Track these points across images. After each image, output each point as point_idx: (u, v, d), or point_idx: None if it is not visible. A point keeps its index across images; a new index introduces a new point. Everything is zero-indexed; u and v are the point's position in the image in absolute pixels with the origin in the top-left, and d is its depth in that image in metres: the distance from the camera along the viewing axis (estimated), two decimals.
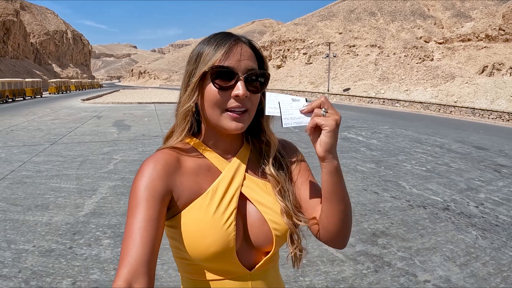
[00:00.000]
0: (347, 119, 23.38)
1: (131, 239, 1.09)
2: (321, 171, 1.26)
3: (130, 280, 1.03)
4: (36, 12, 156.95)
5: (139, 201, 1.15)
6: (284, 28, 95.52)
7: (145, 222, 1.11)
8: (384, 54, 67.95)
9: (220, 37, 1.30)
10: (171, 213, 1.25)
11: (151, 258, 1.09)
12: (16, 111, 32.77)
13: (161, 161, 1.25)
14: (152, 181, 1.19)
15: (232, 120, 1.26)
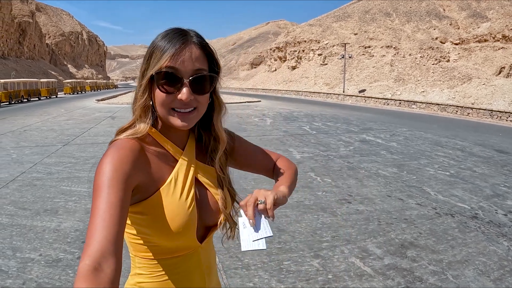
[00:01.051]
0: (364, 121, 23.02)
1: (99, 218, 1.08)
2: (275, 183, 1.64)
3: (98, 259, 1.00)
4: (51, 13, 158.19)
5: (106, 183, 1.16)
6: (299, 29, 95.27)
7: (113, 203, 1.12)
8: (399, 55, 67.40)
9: (170, 37, 1.34)
10: (136, 198, 1.31)
11: (119, 238, 1.09)
12: (30, 111, 32.82)
13: (127, 147, 1.28)
14: (119, 165, 1.21)
15: (178, 118, 1.34)
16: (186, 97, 1.30)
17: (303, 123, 21.10)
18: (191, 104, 1.33)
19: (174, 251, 1.40)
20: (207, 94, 1.38)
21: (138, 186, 1.28)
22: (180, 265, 1.43)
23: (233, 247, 5.33)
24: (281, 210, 6.81)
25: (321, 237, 5.78)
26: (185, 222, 1.35)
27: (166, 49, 1.31)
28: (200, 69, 1.34)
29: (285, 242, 5.53)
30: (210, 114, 1.50)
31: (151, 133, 1.41)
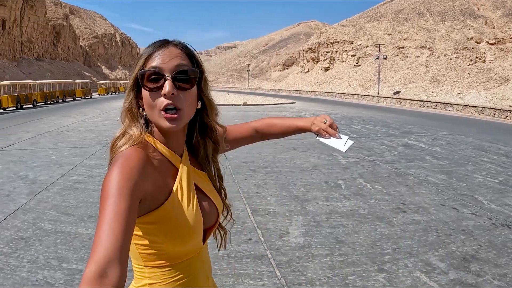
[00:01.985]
0: (403, 124, 22.52)
1: (107, 225, 1.07)
2: (298, 128, 1.92)
3: (104, 266, 0.99)
4: (85, 16, 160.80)
5: (115, 192, 1.15)
6: (332, 30, 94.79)
7: (122, 210, 1.11)
8: (434, 55, 66.37)
9: (154, 43, 1.41)
10: (145, 209, 1.30)
11: (126, 246, 1.08)
12: (66, 111, 33.18)
13: (136, 157, 1.27)
14: (129, 173, 1.20)
15: (166, 120, 1.33)
16: (169, 90, 1.31)
17: (342, 126, 20.69)
18: (176, 102, 1.34)
19: (184, 256, 1.43)
20: (190, 90, 1.39)
21: (146, 195, 1.28)
22: (189, 268, 1.46)
23: (293, 259, 5.08)
24: (337, 220, 6.57)
25: (382, 249, 5.48)
26: (195, 227, 1.39)
27: (148, 52, 1.37)
28: (182, 64, 1.37)
29: (346, 254, 5.24)
30: (203, 116, 1.55)
31: (151, 142, 1.42)
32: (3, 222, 6.72)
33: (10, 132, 19.80)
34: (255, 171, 10.28)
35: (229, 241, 1.81)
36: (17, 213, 7.16)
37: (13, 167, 11.21)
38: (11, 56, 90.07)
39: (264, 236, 5.87)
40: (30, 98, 45.69)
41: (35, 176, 9.91)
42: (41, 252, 5.44)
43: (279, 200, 7.71)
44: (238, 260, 5.07)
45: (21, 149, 14.28)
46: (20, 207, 7.48)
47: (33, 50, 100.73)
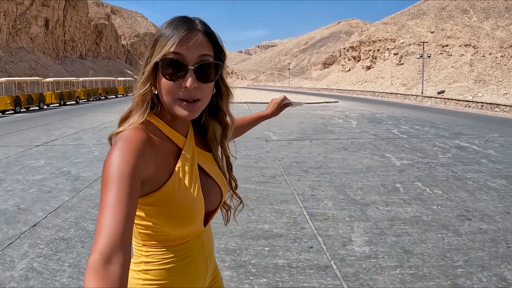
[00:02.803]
0: (451, 125, 21.78)
1: (108, 213, 1.07)
2: (264, 115, 2.33)
3: (108, 253, 1.00)
4: (126, 15, 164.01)
5: (115, 177, 1.13)
6: (373, 28, 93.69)
7: (122, 197, 1.10)
8: (479, 54, 64.58)
9: (175, 25, 1.33)
10: (146, 190, 1.30)
11: (129, 232, 1.07)
12: (108, 108, 33.64)
13: (135, 139, 1.25)
14: (127, 158, 1.18)
15: (184, 109, 1.32)
16: (190, 84, 1.29)
17: (390, 126, 20.17)
18: (195, 94, 1.32)
19: (183, 238, 1.42)
20: (211, 83, 1.38)
21: (147, 178, 1.27)
22: (187, 251, 1.45)
23: (360, 271, 4.69)
24: (401, 227, 6.15)
25: (452, 261, 5.03)
26: (195, 210, 1.37)
27: (171, 36, 1.30)
28: (205, 54, 1.33)
29: (416, 267, 4.82)
30: (218, 100, 1.52)
31: (155, 122, 1.39)
32: (44, 220, 6.63)
33: (53, 127, 20.16)
34: (307, 172, 9.92)
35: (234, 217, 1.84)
36: (58, 211, 7.06)
37: (56, 162, 11.28)
38: (54, 54, 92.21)
39: (326, 244, 5.48)
40: (73, 95, 46.75)
41: (78, 173, 9.90)
42: (83, 256, 5.22)
43: (336, 204, 7.33)
44: (300, 271, 4.71)
45: (64, 144, 14.49)
46: (62, 205, 7.38)
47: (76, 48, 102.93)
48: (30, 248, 5.49)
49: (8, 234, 6.03)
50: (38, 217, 6.78)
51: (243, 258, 5.10)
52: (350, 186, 8.50)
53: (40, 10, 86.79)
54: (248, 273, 4.71)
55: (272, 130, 18.37)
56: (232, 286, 4.44)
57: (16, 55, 76.81)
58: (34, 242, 5.69)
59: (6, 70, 70.19)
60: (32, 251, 5.40)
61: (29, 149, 13.60)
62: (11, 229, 6.24)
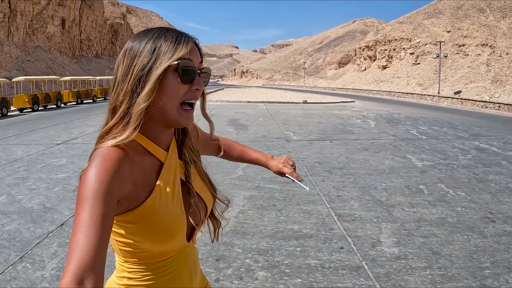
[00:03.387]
0: (470, 126, 21.67)
1: (82, 234, 1.06)
2: (263, 163, 2.14)
3: (80, 276, 0.99)
4: (141, 15, 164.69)
5: (91, 196, 1.12)
6: (389, 27, 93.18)
7: (97, 217, 1.09)
8: (496, 54, 64.06)
9: (174, 33, 1.34)
10: (124, 208, 1.27)
11: (102, 253, 1.06)
12: None
13: (113, 157, 1.22)
14: (104, 176, 1.16)
15: (185, 117, 1.34)
16: (202, 86, 1.34)
17: (408, 127, 20.12)
18: (198, 96, 1.36)
19: (165, 254, 1.40)
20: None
21: (125, 196, 1.24)
22: (170, 266, 1.43)
23: (391, 272, 4.78)
24: (427, 229, 6.23)
25: (480, 262, 5.10)
26: (176, 226, 1.36)
27: (179, 42, 1.30)
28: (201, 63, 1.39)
29: (445, 267, 4.90)
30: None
31: (136, 138, 1.34)
32: (71, 219, 6.61)
33: (72, 126, 20.33)
34: (330, 172, 9.99)
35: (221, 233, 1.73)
36: None
37: (78, 161, 11.37)
38: (70, 53, 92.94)
39: (355, 245, 5.58)
40: (90, 93, 47.13)
41: None
42: (113, 256, 5.19)
43: (363, 205, 7.41)
44: (333, 271, 4.81)
45: (85, 143, 14.58)
46: None
47: (91, 48, 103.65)
48: (59, 248, 5.52)
49: (36, 233, 6.07)
50: (65, 216, 6.82)
51: (276, 259, 5.18)
52: (374, 187, 8.56)
53: (57, 9, 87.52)
54: (282, 273, 4.78)
55: (291, 130, 18.44)
56: (267, 286, 4.51)
57: (33, 54, 77.56)
58: (63, 242, 5.72)
59: (23, 69, 70.91)
60: (61, 250, 5.43)
61: (50, 147, 13.74)
62: (38, 228, 6.28)
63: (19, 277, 4.71)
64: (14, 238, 5.92)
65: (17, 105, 33.76)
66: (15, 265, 5.02)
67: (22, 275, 4.76)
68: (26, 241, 5.77)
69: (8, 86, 42.70)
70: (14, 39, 74.48)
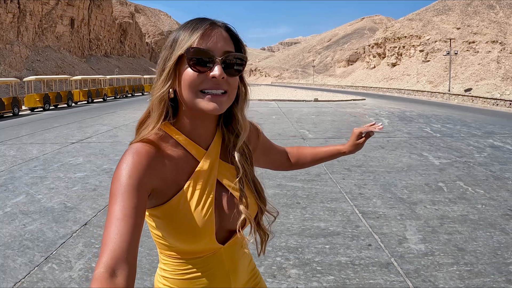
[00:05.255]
0: (483, 124, 21.64)
1: (114, 226, 1.08)
2: (336, 150, 2.03)
3: (113, 267, 1.02)
4: (150, 14, 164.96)
5: (122, 190, 1.15)
6: (398, 24, 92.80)
7: (128, 210, 1.11)
8: (506, 51, 63.64)
9: (196, 22, 1.31)
10: (153, 203, 1.30)
11: (134, 245, 1.09)
12: (138, 105, 34.03)
13: (143, 152, 1.25)
14: (134, 171, 1.19)
15: (209, 101, 1.26)
16: (219, 74, 1.25)
17: (422, 125, 20.14)
18: (222, 85, 1.28)
19: (194, 253, 1.40)
20: (237, 77, 1.34)
21: (154, 191, 1.28)
22: (201, 266, 1.43)
23: (420, 268, 4.88)
24: (451, 225, 6.33)
25: (504, 258, 5.19)
26: (200, 228, 1.33)
27: (194, 30, 1.28)
28: (230, 51, 1.31)
29: (471, 263, 5.00)
30: (232, 106, 1.43)
31: (172, 133, 1.37)
32: (94, 219, 6.67)
33: (85, 124, 20.40)
34: (350, 170, 10.08)
35: (267, 246, 1.60)
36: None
37: (95, 159, 11.44)
38: (80, 53, 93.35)
39: (383, 242, 5.68)
40: (100, 92, 47.27)
41: None
42: (143, 255, 5.21)
43: (385, 202, 7.50)
44: (364, 268, 4.91)
45: (100, 141, 14.67)
46: None
47: (101, 47, 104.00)
48: (85, 248, 5.49)
49: (59, 233, 6.04)
50: (88, 215, 6.81)
51: (306, 256, 5.26)
52: (395, 185, 8.65)
53: (66, 9, 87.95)
54: (314, 270, 4.87)
55: (306, 128, 18.52)
56: (301, 283, 4.61)
57: (42, 54, 77.98)
58: (89, 242, 5.70)
59: (33, 68, 71.34)
60: (88, 250, 5.40)
61: (65, 146, 13.84)
62: (61, 228, 6.25)
63: (46, 278, 4.69)
64: (38, 238, 5.88)
65: (28, 105, 34.02)
66: (40, 266, 4.99)
67: (49, 276, 4.74)
68: (50, 241, 5.74)
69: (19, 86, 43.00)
70: (23, 39, 74.97)
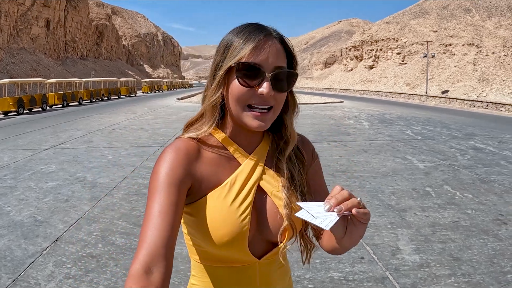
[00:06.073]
0: (462, 125, 21.79)
1: (151, 222, 1.08)
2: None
3: (149, 264, 1.01)
4: (127, 16, 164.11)
5: (160, 187, 1.15)
6: (375, 27, 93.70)
7: (166, 207, 1.11)
8: (482, 53, 64.52)
9: (250, 30, 1.26)
10: (188, 200, 1.26)
11: (170, 242, 1.08)
12: (114, 109, 33.55)
13: (183, 149, 1.25)
14: (173, 168, 1.19)
15: (255, 118, 1.24)
16: (267, 91, 1.20)
17: (402, 127, 20.19)
18: (269, 101, 1.24)
19: (223, 261, 1.32)
20: (285, 93, 1.29)
21: (191, 188, 1.25)
22: (229, 277, 1.33)
23: (417, 282, 4.61)
24: (443, 233, 6.11)
25: (501, 267, 5.01)
26: (232, 232, 1.24)
27: (247, 41, 1.22)
28: (282, 65, 1.26)
29: (468, 274, 4.78)
30: (282, 113, 1.37)
31: (216, 135, 1.35)
32: (66, 234, 6.10)
33: (60, 129, 19.79)
34: (334, 176, 9.85)
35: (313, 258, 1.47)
36: (81, 223, 6.54)
37: (68, 167, 10.88)
38: (55, 55, 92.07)
39: (375, 253, 5.39)
40: (76, 95, 46.59)
41: (94, 179, 9.47)
42: (119, 276, 4.73)
43: (374, 210, 7.23)
44: (358, 284, 4.60)
45: (74, 147, 14.10)
46: (84, 216, 6.86)
47: (77, 49, 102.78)
48: (55, 268, 4.97)
49: (28, 251, 5.52)
50: (59, 230, 6.27)
51: (296, 273, 4.90)
52: (382, 191, 8.43)
53: (41, 10, 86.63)
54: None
55: None
56: None
57: (17, 56, 76.68)
58: (59, 261, 5.17)
59: (7, 71, 70.06)
60: (58, 271, 4.88)
61: (38, 152, 13.17)
62: (31, 245, 5.72)
63: None
64: (5, 257, 5.35)
65: (1, 109, 33.12)
66: None
67: None
68: (18, 261, 5.21)
69: None
70: None
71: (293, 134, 1.41)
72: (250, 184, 1.31)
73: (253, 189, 1.31)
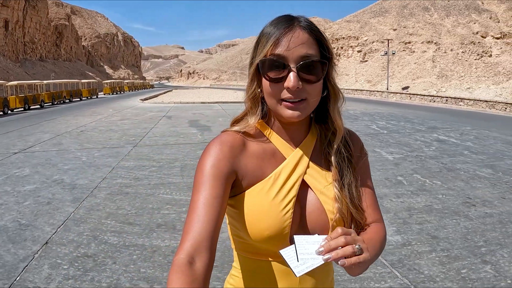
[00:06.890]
0: (425, 119, 22.49)
1: (195, 214, 1.11)
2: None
3: (192, 254, 1.04)
4: (86, 16, 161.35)
5: (205, 179, 1.17)
6: (336, 26, 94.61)
7: (210, 199, 1.13)
8: (441, 50, 66.20)
9: (275, 23, 1.25)
10: (232, 192, 1.27)
11: (214, 234, 1.10)
12: (78, 111, 33.01)
13: (228, 142, 1.27)
14: (218, 161, 1.21)
15: (288, 108, 1.22)
16: (293, 85, 1.18)
17: (367, 122, 20.75)
18: (299, 94, 1.21)
19: (264, 254, 1.31)
20: (317, 83, 1.24)
21: (236, 181, 1.26)
22: (269, 271, 1.32)
23: (403, 258, 4.95)
24: (419, 216, 6.52)
25: (474, 242, 5.50)
26: (274, 225, 1.23)
27: (271, 35, 1.22)
28: (308, 55, 1.21)
29: (447, 249, 5.23)
30: (326, 104, 1.36)
31: (262, 129, 1.36)
32: (55, 236, 5.94)
33: (26, 133, 19.08)
34: None
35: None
36: (68, 224, 6.40)
37: (43, 170, 10.52)
38: (14, 57, 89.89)
39: None
40: (37, 98, 45.48)
41: (72, 180, 9.26)
42: (120, 273, 4.69)
43: None
44: None
45: (45, 150, 13.65)
46: (70, 217, 6.71)
47: (36, 50, 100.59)
48: (52, 270, 4.81)
49: (19, 255, 5.29)
50: (47, 232, 6.08)
51: None
52: None
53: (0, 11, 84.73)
54: None
55: None
56: None
57: None
58: (55, 262, 5.01)
59: None
60: (56, 273, 4.73)
61: (8, 157, 12.57)
62: (20, 249, 5.49)
63: None
64: None
65: None
66: None
67: None
68: (11, 266, 4.99)
69: None
70: None
71: (338, 124, 1.35)
72: (294, 178, 1.30)
73: (297, 183, 1.29)
